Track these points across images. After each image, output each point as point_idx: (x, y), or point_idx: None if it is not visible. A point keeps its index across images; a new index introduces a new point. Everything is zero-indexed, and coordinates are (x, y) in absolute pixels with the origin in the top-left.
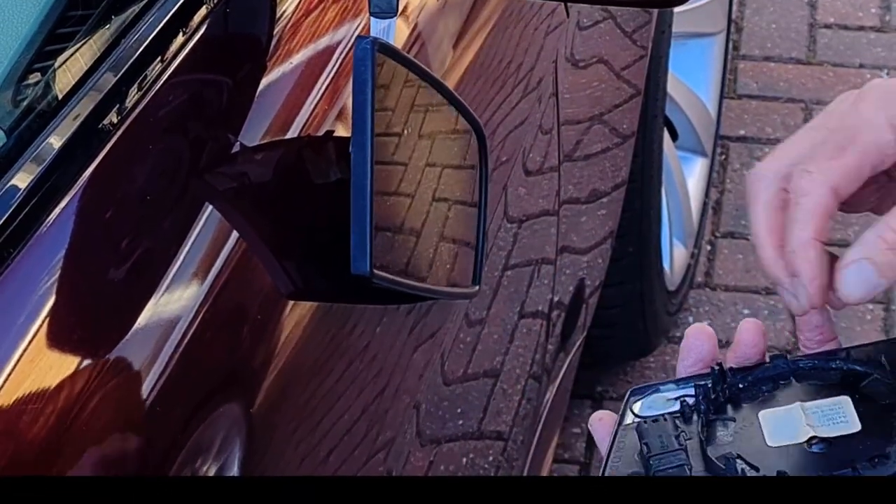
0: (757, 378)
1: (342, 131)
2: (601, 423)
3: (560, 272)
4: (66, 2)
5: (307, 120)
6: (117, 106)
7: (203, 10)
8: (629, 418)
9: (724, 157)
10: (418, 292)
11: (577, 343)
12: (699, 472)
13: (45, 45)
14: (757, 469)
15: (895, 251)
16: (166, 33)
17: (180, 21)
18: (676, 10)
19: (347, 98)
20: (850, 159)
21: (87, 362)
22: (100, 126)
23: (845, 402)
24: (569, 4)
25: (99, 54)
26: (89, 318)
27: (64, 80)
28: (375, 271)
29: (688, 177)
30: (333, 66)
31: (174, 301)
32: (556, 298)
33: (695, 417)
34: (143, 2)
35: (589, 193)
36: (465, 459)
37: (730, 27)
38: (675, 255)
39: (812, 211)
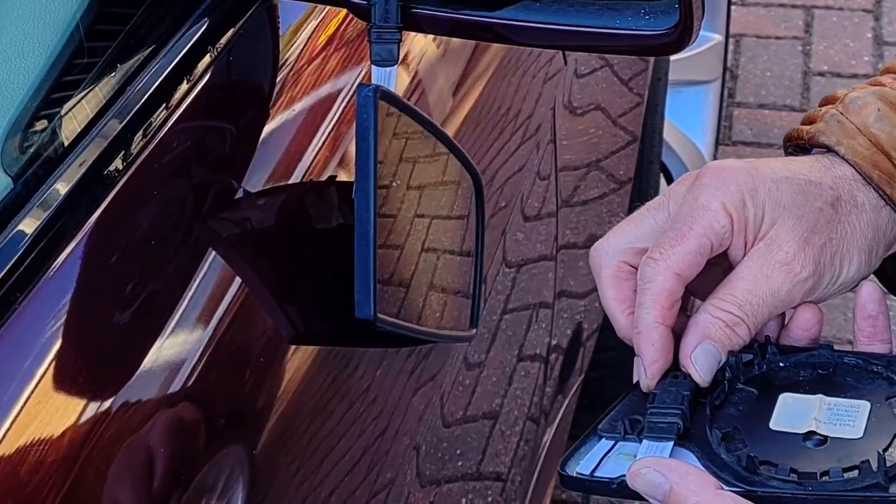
0: (798, 362)
1: (344, 177)
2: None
3: (558, 316)
4: (72, 50)
5: (309, 166)
6: (122, 152)
7: (207, 59)
8: None
9: None
10: (419, 335)
11: (575, 385)
12: (689, 436)
13: (52, 92)
14: (746, 445)
15: (731, 328)
16: (171, 81)
17: (184, 69)
18: (672, 57)
19: (349, 145)
20: (691, 244)
21: (92, 405)
22: (105, 172)
23: (864, 407)
24: (566, 52)
25: (104, 101)
26: (95, 361)
27: (70, 126)
28: (379, 315)
29: None
30: (335, 113)
31: (178, 344)
32: (553, 342)
33: (722, 382)
34: (148, 50)
35: (586, 238)
36: (464, 500)
37: (725, 75)
38: None
39: (656, 296)
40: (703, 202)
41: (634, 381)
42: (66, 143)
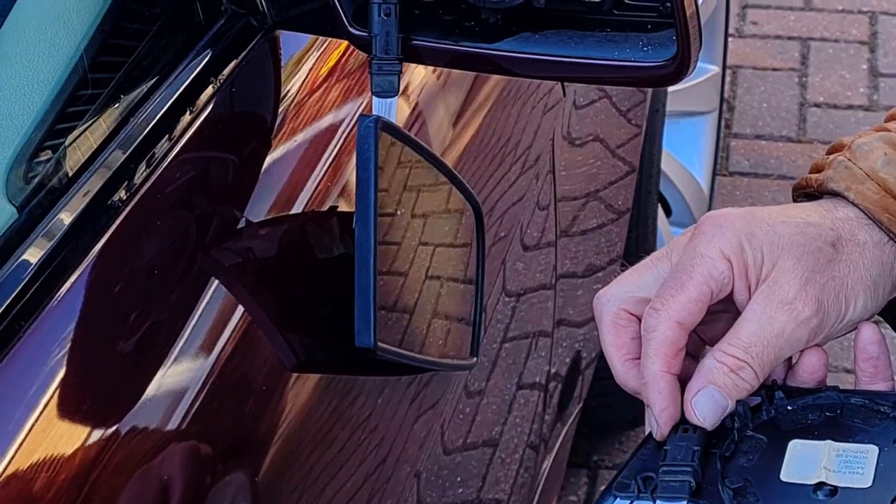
0: (806, 404)
1: (345, 207)
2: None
3: (557, 344)
4: (76, 81)
5: (311, 196)
6: (126, 183)
7: (209, 90)
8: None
9: None
10: (419, 364)
11: (574, 413)
12: (702, 493)
13: (56, 123)
14: (757, 499)
15: (736, 373)
16: (174, 112)
17: (187, 100)
18: (670, 89)
19: (350, 175)
20: (691, 293)
21: (96, 432)
22: (109, 202)
23: (872, 452)
24: (565, 84)
25: (108, 132)
26: (98, 390)
27: (74, 157)
28: (379, 344)
29: None
30: (337, 143)
31: (181, 372)
32: (552, 370)
33: (731, 430)
34: (151, 81)
35: (585, 268)
36: None
37: (722, 106)
38: None
39: (660, 345)
40: (701, 250)
41: (647, 431)
42: (71, 174)
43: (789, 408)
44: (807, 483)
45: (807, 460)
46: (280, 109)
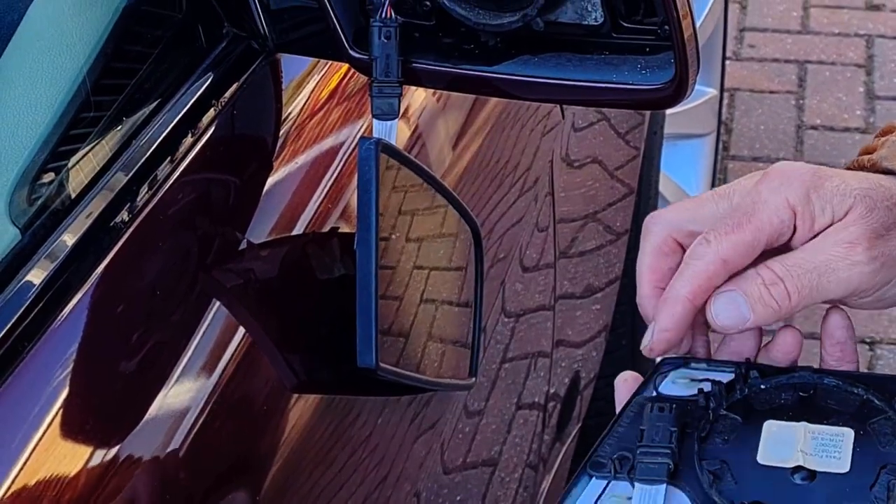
0: (780, 384)
1: (346, 229)
2: (625, 384)
3: (556, 365)
4: (79, 104)
5: (312, 218)
6: (128, 204)
7: (211, 112)
8: (649, 390)
9: None
10: (420, 384)
11: (573, 433)
12: (679, 475)
13: (59, 145)
14: (736, 482)
15: (767, 287)
16: (175, 134)
17: (189, 123)
18: (668, 111)
19: (351, 197)
20: (745, 235)
21: (98, 453)
22: (111, 224)
23: (847, 435)
24: (564, 106)
25: (111, 154)
26: (101, 410)
27: (77, 179)
28: (381, 364)
29: None
30: (337, 165)
31: (183, 393)
32: (551, 390)
33: (706, 410)
34: (153, 104)
35: (584, 289)
36: None
37: (720, 128)
38: None
39: (696, 274)
40: (766, 197)
41: (643, 345)
42: (74, 196)
43: (762, 387)
44: (784, 466)
45: (783, 442)
46: (281, 132)
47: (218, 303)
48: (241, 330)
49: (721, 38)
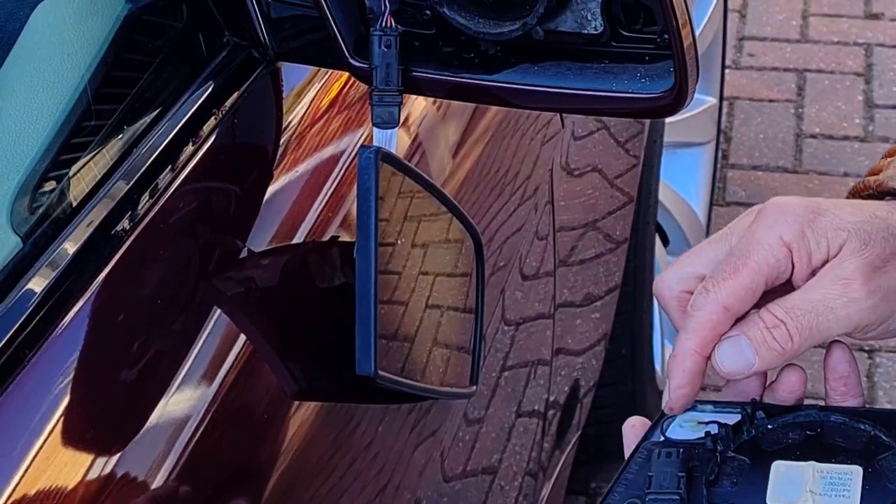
0: (786, 423)
1: (346, 237)
2: (632, 430)
3: (555, 373)
4: (80, 112)
5: (312, 226)
6: (129, 213)
7: (212, 121)
8: (657, 435)
9: None
10: (419, 392)
11: (572, 441)
12: None
13: (61, 153)
14: None
15: (769, 330)
16: (176, 143)
17: (190, 131)
18: (668, 120)
19: (351, 205)
20: (743, 280)
21: (99, 461)
22: (112, 232)
23: (856, 473)
24: (564, 115)
25: (112, 163)
26: (102, 418)
27: (78, 187)
28: (380, 372)
29: None
30: (338, 174)
31: (184, 401)
32: (551, 398)
33: (714, 453)
34: (154, 113)
35: (583, 297)
36: None
37: (719, 137)
38: (666, 357)
39: (701, 325)
40: (760, 236)
41: (663, 405)
42: (75, 204)
43: (769, 427)
44: None
45: (791, 483)
46: (282, 140)
47: (219, 311)
48: (242, 338)
49: (720, 46)
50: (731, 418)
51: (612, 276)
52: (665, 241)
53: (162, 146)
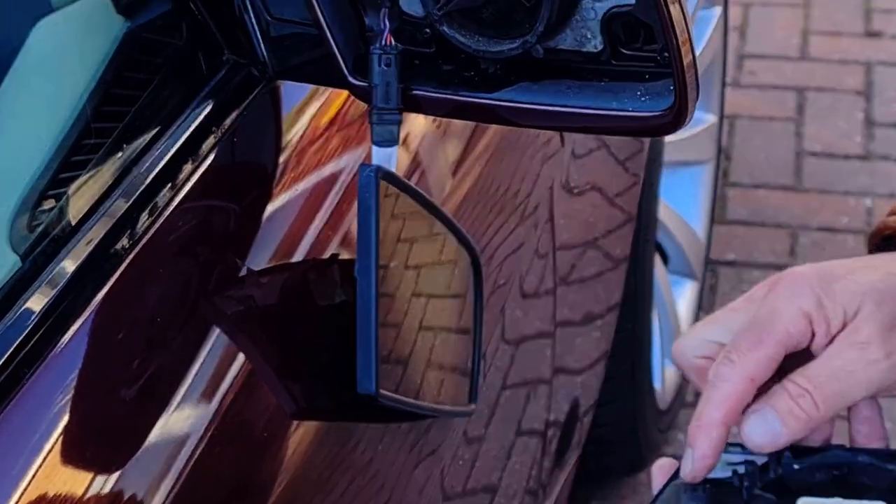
0: (813, 463)
1: (346, 256)
2: (660, 470)
3: (555, 391)
4: (79, 130)
5: (312, 245)
6: (129, 231)
7: (211, 140)
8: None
9: (713, 281)
10: (420, 410)
11: (573, 460)
12: None
13: (60, 172)
14: None
15: (795, 400)
16: (176, 161)
17: (189, 150)
18: (667, 138)
19: (351, 224)
20: (768, 350)
21: (99, 479)
22: (112, 251)
23: None
24: (564, 133)
25: (111, 181)
26: (101, 436)
27: (77, 205)
28: (381, 391)
29: (678, 300)
30: (337, 192)
31: (183, 419)
32: (551, 417)
33: (740, 489)
34: (154, 131)
35: (583, 316)
36: None
37: (719, 155)
38: (666, 375)
39: (727, 396)
40: (779, 307)
41: (683, 472)
42: (74, 222)
43: (796, 467)
44: None
45: None
46: (281, 159)
47: (218, 330)
48: (242, 357)
49: (721, 64)
50: (760, 460)
51: (612, 294)
52: (665, 260)
53: (161, 164)
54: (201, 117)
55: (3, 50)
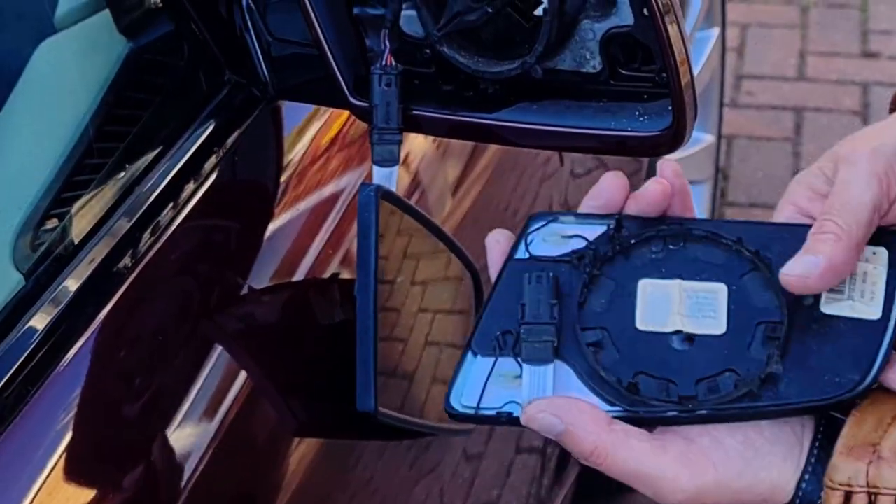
0: (649, 237)
1: (346, 275)
2: (497, 245)
3: None
4: (82, 150)
5: (313, 264)
6: (131, 250)
7: (213, 159)
8: (521, 252)
9: None
10: (419, 428)
11: (571, 477)
12: (564, 349)
13: (63, 191)
14: (619, 352)
15: (818, 229)
16: (178, 181)
17: (191, 169)
18: (666, 158)
19: (351, 243)
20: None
21: (102, 496)
22: (114, 270)
23: (721, 292)
24: (563, 153)
25: (114, 201)
26: (104, 454)
27: (80, 225)
28: (380, 409)
29: None
30: (338, 212)
31: (185, 437)
32: None
33: (580, 272)
34: (156, 151)
35: None
36: None
37: (717, 175)
38: None
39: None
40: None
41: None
42: (77, 241)
43: (632, 241)
44: (663, 331)
45: (659, 304)
46: (282, 178)
47: (220, 348)
48: (243, 374)
49: (718, 85)
50: (594, 231)
51: None
52: None
53: (163, 184)
54: (203, 137)
55: (6, 70)
